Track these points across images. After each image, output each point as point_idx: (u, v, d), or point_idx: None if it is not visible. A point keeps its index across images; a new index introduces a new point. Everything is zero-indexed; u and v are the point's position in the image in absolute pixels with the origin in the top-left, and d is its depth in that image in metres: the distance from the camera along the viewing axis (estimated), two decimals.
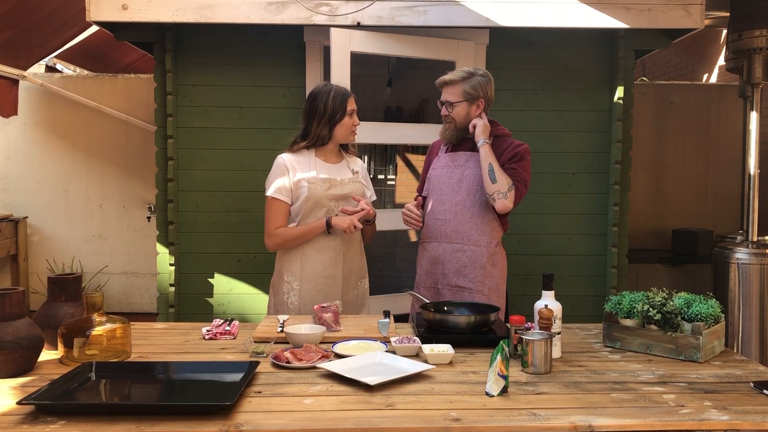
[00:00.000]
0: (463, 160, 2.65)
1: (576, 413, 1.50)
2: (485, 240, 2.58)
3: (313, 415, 1.48)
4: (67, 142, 5.15)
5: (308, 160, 2.58)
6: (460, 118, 2.61)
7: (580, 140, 3.88)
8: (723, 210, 5.17)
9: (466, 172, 2.62)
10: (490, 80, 2.62)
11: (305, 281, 2.57)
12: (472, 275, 2.58)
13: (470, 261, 2.59)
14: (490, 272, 2.59)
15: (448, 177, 2.66)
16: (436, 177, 2.71)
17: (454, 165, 2.66)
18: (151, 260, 4.82)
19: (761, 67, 3.86)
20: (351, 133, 2.62)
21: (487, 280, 2.59)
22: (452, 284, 2.60)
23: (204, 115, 3.78)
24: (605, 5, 3.50)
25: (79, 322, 1.88)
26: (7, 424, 1.41)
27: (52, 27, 4.35)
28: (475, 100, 2.58)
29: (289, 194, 2.56)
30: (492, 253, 2.60)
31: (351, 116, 2.59)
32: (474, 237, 2.58)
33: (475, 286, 2.57)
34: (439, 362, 1.86)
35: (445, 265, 2.62)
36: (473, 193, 2.58)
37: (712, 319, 1.95)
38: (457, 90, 2.59)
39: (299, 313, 2.55)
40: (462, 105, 2.59)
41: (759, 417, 1.49)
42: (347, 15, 3.44)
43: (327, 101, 2.55)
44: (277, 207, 2.55)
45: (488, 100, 2.62)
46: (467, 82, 2.57)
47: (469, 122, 2.61)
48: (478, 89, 2.57)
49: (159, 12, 3.41)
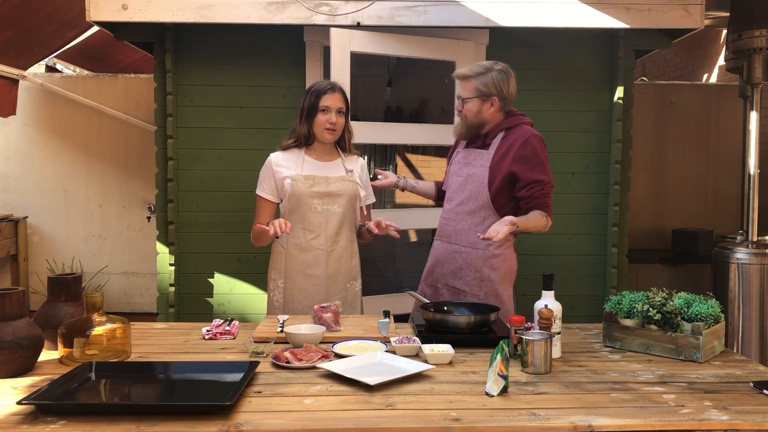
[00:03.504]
0: (472, 158, 2.56)
1: (576, 413, 1.50)
2: (483, 243, 2.47)
3: (313, 415, 1.48)
4: (67, 142, 5.15)
5: (297, 157, 2.56)
6: (471, 115, 2.52)
7: (580, 140, 3.88)
8: (723, 210, 5.17)
9: (472, 171, 2.53)
10: (509, 76, 2.50)
11: (288, 279, 2.57)
12: (467, 278, 2.53)
13: (465, 263, 2.53)
14: (487, 276, 2.51)
15: (458, 174, 2.59)
16: (450, 173, 2.65)
17: (465, 162, 2.59)
18: (151, 260, 4.82)
19: (761, 67, 3.86)
20: (326, 131, 2.51)
21: (484, 284, 2.51)
22: (449, 285, 2.58)
23: (204, 115, 3.78)
24: (605, 5, 3.50)
25: (79, 322, 1.88)
26: (7, 424, 1.41)
27: (53, 28, 4.35)
28: (488, 98, 2.48)
29: (275, 192, 2.55)
30: (491, 256, 2.50)
31: (325, 113, 2.49)
32: (471, 239, 2.52)
33: (470, 290, 2.52)
34: (439, 362, 1.86)
35: (444, 265, 2.59)
36: (476, 193, 2.51)
37: (712, 319, 1.95)
38: (470, 86, 2.49)
39: (284, 311, 2.55)
40: (474, 102, 2.49)
41: (759, 417, 1.49)
42: (347, 15, 3.44)
43: (306, 98, 2.53)
44: (262, 205, 2.57)
45: (504, 98, 2.50)
46: (480, 79, 2.47)
47: (481, 120, 2.51)
48: (491, 87, 2.46)
49: (159, 12, 3.41)
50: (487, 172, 2.48)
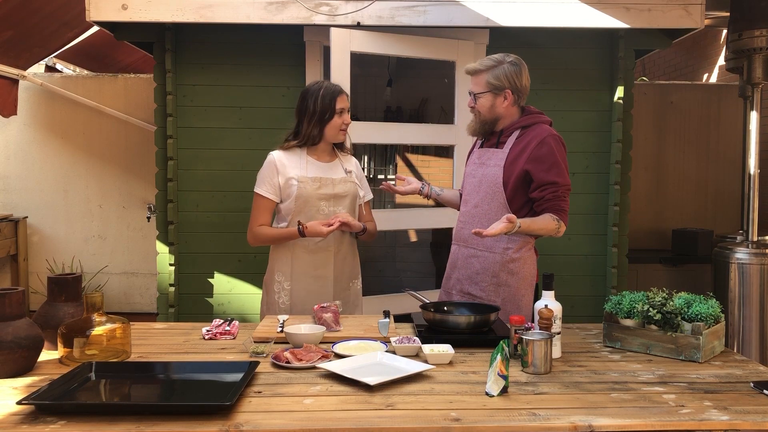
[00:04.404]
0: (486, 157, 2.46)
1: (576, 413, 1.50)
2: (501, 246, 2.38)
3: (313, 415, 1.48)
4: (67, 142, 5.15)
5: (300, 158, 2.56)
6: (484, 110, 2.42)
7: (580, 140, 3.88)
8: (723, 210, 5.17)
9: (486, 171, 2.43)
10: (522, 67, 2.41)
11: (296, 281, 2.56)
12: (483, 283, 2.41)
13: (482, 268, 2.42)
14: (505, 281, 2.38)
15: (473, 176, 2.49)
16: (466, 175, 2.56)
17: (480, 162, 2.48)
18: (151, 260, 4.82)
19: (761, 67, 3.86)
20: (340, 132, 2.56)
21: (501, 290, 2.39)
22: (465, 291, 2.47)
23: (204, 115, 3.78)
24: (605, 5, 3.50)
25: (79, 322, 1.88)
26: (7, 424, 1.41)
27: (53, 28, 4.35)
28: (500, 92, 2.38)
29: (277, 192, 2.54)
30: (509, 260, 2.38)
31: (340, 115, 2.53)
32: (488, 242, 2.39)
33: (486, 296, 2.40)
34: (439, 362, 1.86)
35: (460, 270, 2.49)
36: (491, 195, 2.40)
37: (712, 319, 1.95)
38: (481, 80, 2.40)
39: (290, 313, 2.54)
40: (486, 96, 2.40)
41: (759, 417, 1.49)
42: (347, 15, 3.44)
43: (317, 100, 2.51)
44: (263, 204, 2.55)
45: (518, 90, 2.40)
46: (491, 72, 2.38)
47: (495, 115, 2.42)
48: (503, 80, 2.37)
49: (159, 12, 3.41)
50: (502, 171, 2.38)
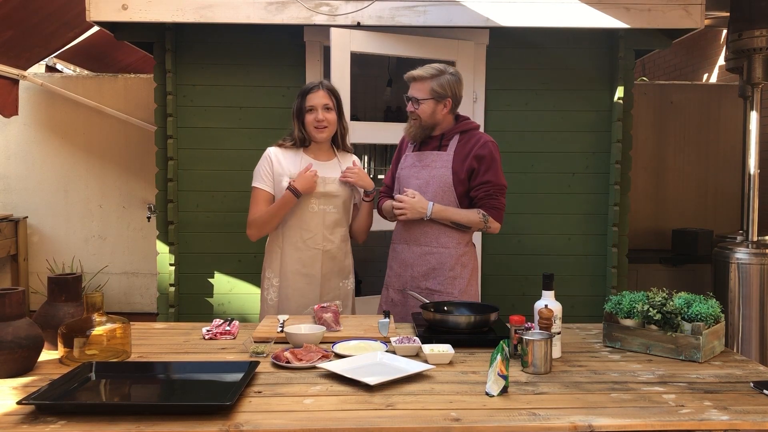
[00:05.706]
0: (429, 160, 2.59)
1: (576, 413, 1.50)
2: (453, 242, 2.55)
3: (313, 415, 1.48)
4: (67, 142, 5.15)
5: (295, 156, 2.58)
6: (425, 116, 2.55)
7: (580, 140, 3.88)
8: (723, 210, 5.17)
9: (432, 173, 2.56)
10: (460, 80, 2.57)
11: (283, 278, 2.58)
12: (441, 278, 2.55)
13: (438, 263, 2.56)
14: (459, 274, 2.56)
15: (415, 178, 2.60)
16: (404, 177, 2.66)
17: (421, 165, 2.60)
18: (151, 260, 4.82)
19: (761, 67, 3.86)
20: (315, 130, 2.54)
21: (457, 282, 2.56)
22: (422, 287, 2.57)
23: (204, 115, 3.78)
24: (605, 5, 3.50)
25: (79, 322, 1.88)
26: (7, 424, 1.41)
27: (53, 28, 4.35)
28: (442, 99, 2.52)
29: (271, 185, 2.56)
30: (461, 254, 2.57)
31: (311, 112, 2.53)
32: (442, 239, 2.56)
33: (444, 288, 2.55)
34: (439, 362, 1.86)
35: (414, 267, 2.60)
36: (440, 195, 2.53)
37: (712, 319, 1.95)
38: (425, 87, 2.52)
39: (277, 312, 2.55)
40: (428, 103, 2.53)
41: (759, 417, 1.49)
42: (347, 15, 3.44)
43: (296, 99, 2.57)
44: (260, 195, 2.56)
45: (456, 100, 2.56)
46: (435, 80, 2.51)
47: (434, 121, 2.56)
48: (447, 88, 2.51)
49: (159, 12, 3.41)
50: (450, 172, 2.52)
